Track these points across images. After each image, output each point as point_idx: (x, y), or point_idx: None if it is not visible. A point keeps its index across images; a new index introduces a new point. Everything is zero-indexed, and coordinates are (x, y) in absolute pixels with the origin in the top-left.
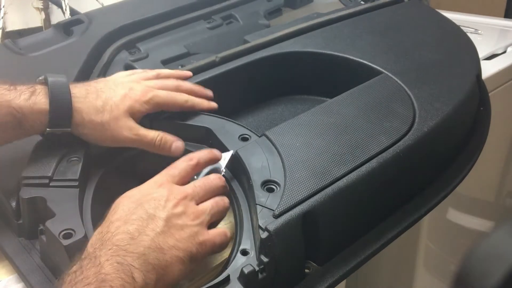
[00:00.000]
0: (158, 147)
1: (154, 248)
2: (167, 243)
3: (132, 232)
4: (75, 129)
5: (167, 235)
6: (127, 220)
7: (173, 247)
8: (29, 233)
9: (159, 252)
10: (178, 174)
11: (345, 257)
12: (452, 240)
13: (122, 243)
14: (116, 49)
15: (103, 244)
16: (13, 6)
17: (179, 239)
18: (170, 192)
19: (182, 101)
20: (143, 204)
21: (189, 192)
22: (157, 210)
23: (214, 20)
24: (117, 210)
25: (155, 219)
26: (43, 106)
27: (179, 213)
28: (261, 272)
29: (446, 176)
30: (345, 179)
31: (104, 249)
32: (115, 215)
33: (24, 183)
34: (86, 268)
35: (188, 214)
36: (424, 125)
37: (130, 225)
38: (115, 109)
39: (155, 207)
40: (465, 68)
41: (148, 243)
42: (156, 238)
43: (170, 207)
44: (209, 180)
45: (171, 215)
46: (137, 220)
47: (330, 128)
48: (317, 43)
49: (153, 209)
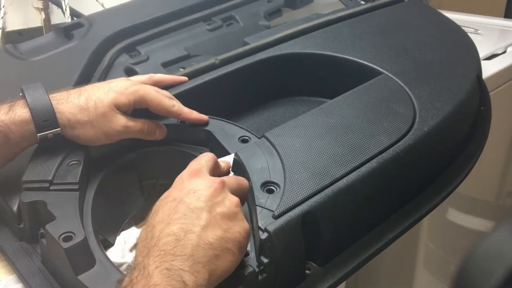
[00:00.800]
0: (146, 135)
1: (203, 245)
2: (215, 235)
3: (177, 233)
4: (65, 132)
5: (215, 226)
6: (169, 220)
7: (222, 238)
8: (30, 237)
9: (208, 248)
10: (205, 164)
11: (346, 258)
12: (452, 240)
13: (168, 246)
14: (116, 52)
15: (150, 251)
16: (13, 6)
17: (226, 228)
18: (206, 180)
19: (169, 105)
20: (183, 199)
21: (226, 180)
22: (199, 202)
23: (214, 22)
24: (158, 212)
25: (199, 211)
26: (24, 115)
27: (222, 200)
28: (261, 273)
29: (446, 176)
30: (345, 179)
31: (152, 256)
32: (156, 218)
33: (25, 187)
34: (136, 281)
35: (231, 200)
36: (424, 125)
37: (174, 225)
38: (99, 104)
39: (197, 198)
40: (466, 68)
41: (195, 241)
42: (203, 233)
43: (211, 194)
44: (239, 178)
45: (214, 204)
46: (180, 218)
47: (330, 128)
48: (317, 44)
49: (195, 202)
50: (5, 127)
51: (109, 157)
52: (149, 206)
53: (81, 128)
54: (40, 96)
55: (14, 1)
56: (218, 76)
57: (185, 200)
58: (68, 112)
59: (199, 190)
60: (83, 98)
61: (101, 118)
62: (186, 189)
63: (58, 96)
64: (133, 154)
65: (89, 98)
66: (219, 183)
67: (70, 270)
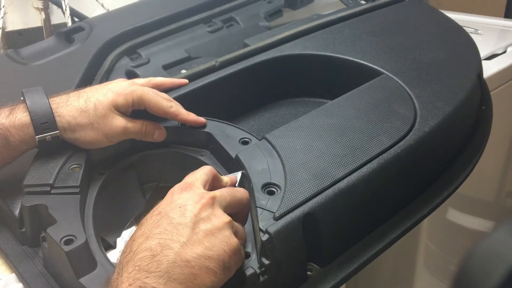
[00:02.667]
0: (145, 136)
1: (180, 262)
2: (194, 253)
3: (154, 248)
4: (66, 135)
5: (195, 243)
6: (149, 234)
7: (202, 256)
8: (32, 240)
9: (185, 266)
10: (199, 178)
11: (348, 259)
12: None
13: (144, 262)
14: (117, 56)
15: (124, 267)
16: (13, 6)
17: (209, 246)
18: (195, 194)
19: (166, 106)
20: (168, 213)
21: (217, 194)
22: (183, 217)
23: (215, 24)
24: (141, 225)
25: (181, 227)
26: (24, 118)
27: (207, 216)
28: (262, 274)
29: (448, 176)
30: (346, 180)
31: (126, 272)
32: (138, 231)
33: (26, 191)
34: None
35: (217, 216)
36: (425, 124)
37: (153, 240)
38: (99, 106)
39: (181, 214)
40: (466, 67)
41: (172, 257)
42: (181, 250)
43: (197, 210)
44: (235, 189)
45: (198, 220)
46: (160, 233)
47: (331, 129)
48: (317, 45)
49: (179, 217)
50: (5, 130)
51: (110, 160)
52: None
53: (81, 130)
54: (40, 99)
55: (14, 1)
56: (218, 78)
57: (169, 214)
58: (68, 115)
59: (186, 205)
60: (82, 100)
61: (101, 119)
62: (173, 203)
63: (58, 99)
64: (133, 156)
65: (88, 100)
66: (208, 198)
67: (71, 273)
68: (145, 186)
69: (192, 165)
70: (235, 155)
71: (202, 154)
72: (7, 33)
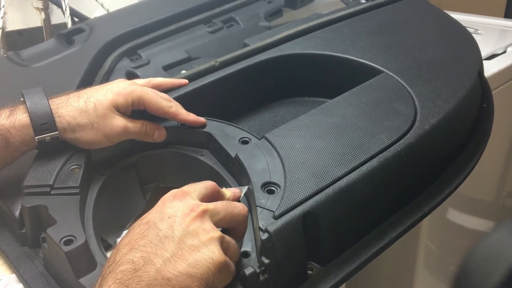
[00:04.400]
0: (144, 136)
1: (160, 280)
2: (176, 270)
3: (137, 262)
4: (66, 135)
5: (178, 259)
6: (134, 245)
7: (184, 274)
8: (32, 241)
9: (166, 283)
10: (198, 189)
11: (348, 258)
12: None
13: (125, 276)
14: (117, 57)
15: (105, 278)
16: (13, 6)
17: (192, 263)
18: (187, 205)
19: (166, 106)
20: (156, 224)
21: (210, 207)
22: (170, 230)
23: (215, 24)
24: (129, 234)
25: (166, 241)
26: (24, 119)
27: (195, 230)
28: (262, 273)
29: (448, 174)
30: (346, 179)
31: (106, 285)
32: (125, 240)
33: (26, 192)
34: None
35: (206, 231)
36: (425, 123)
37: (137, 252)
38: (99, 106)
39: (169, 226)
40: (467, 65)
41: (153, 274)
42: (163, 267)
43: (185, 223)
44: (233, 204)
45: (185, 234)
46: (145, 245)
47: (330, 128)
48: (317, 45)
49: (166, 229)
50: (5, 131)
51: (110, 161)
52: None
53: (82, 130)
54: (39, 100)
55: (14, 1)
56: (218, 78)
57: (157, 225)
58: (68, 116)
59: (175, 216)
60: (82, 100)
61: (101, 119)
62: (163, 213)
63: (58, 100)
64: (134, 157)
65: (88, 100)
66: (199, 211)
67: (71, 273)
68: (145, 187)
69: (192, 165)
70: (235, 155)
71: (202, 154)
72: (7, 33)
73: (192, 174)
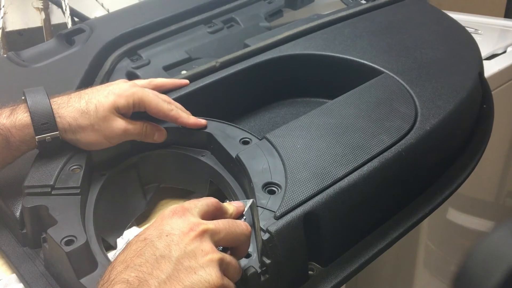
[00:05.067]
0: (145, 137)
1: None
2: None
3: (132, 282)
4: (66, 136)
5: (174, 281)
6: (130, 264)
7: None
8: (33, 242)
9: None
10: (199, 206)
11: (349, 258)
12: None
13: None
14: (117, 57)
15: None
16: (13, 6)
17: (188, 285)
18: (186, 223)
19: (167, 109)
20: (154, 241)
21: (210, 227)
22: (167, 249)
23: (215, 24)
24: (125, 250)
25: (163, 261)
26: (24, 119)
27: (193, 251)
28: (263, 274)
29: (449, 174)
30: (347, 179)
31: None
32: (121, 256)
33: (27, 192)
34: None
35: (205, 252)
36: (426, 123)
37: (132, 272)
38: (100, 108)
39: (166, 245)
40: (467, 66)
41: None
42: None
43: (185, 243)
44: (236, 223)
45: (183, 255)
46: (141, 265)
47: (331, 129)
48: (317, 45)
49: (163, 248)
50: (6, 130)
51: (110, 161)
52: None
53: (82, 132)
54: (41, 99)
55: (14, 1)
56: (219, 78)
57: (154, 243)
58: (69, 116)
59: (173, 234)
60: (84, 101)
61: (101, 121)
62: (161, 230)
63: (59, 100)
64: (134, 157)
65: (90, 101)
66: (199, 231)
67: (72, 273)
68: (146, 187)
69: (193, 166)
70: (236, 155)
71: (203, 155)
72: (7, 33)
73: (193, 175)
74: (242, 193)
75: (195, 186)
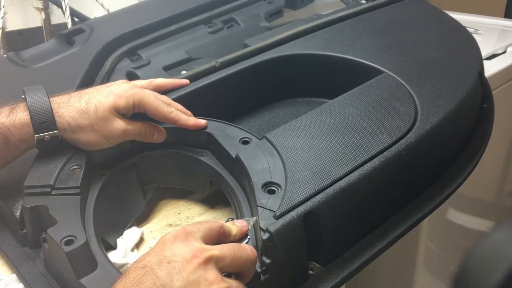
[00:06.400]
0: (144, 137)
1: None
2: None
3: None
4: (66, 135)
5: None
6: None
7: None
8: (33, 242)
9: None
10: (203, 230)
11: (349, 258)
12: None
13: None
14: (117, 57)
15: None
16: (13, 6)
17: None
18: (189, 248)
19: (167, 111)
20: (154, 269)
21: (215, 253)
22: (169, 278)
23: (215, 24)
24: (124, 277)
25: None
26: (24, 117)
27: (197, 280)
28: (263, 273)
29: (449, 174)
30: (347, 178)
31: None
32: (119, 284)
33: (26, 192)
34: None
35: (209, 281)
36: (426, 123)
37: None
38: (100, 108)
39: (168, 273)
40: (467, 65)
41: None
42: None
43: (188, 271)
44: (241, 248)
45: (185, 285)
46: None
47: (331, 128)
48: (317, 45)
49: (165, 277)
50: (5, 129)
51: (110, 161)
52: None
53: (81, 131)
54: (40, 98)
55: (14, 1)
56: (219, 78)
57: (155, 271)
58: (69, 116)
59: (175, 261)
60: (84, 101)
61: (101, 121)
62: (161, 256)
63: (59, 99)
64: (134, 157)
65: (90, 101)
66: (202, 258)
67: (72, 273)
68: (146, 187)
69: (193, 166)
70: (236, 155)
71: (203, 155)
72: (7, 33)
73: (193, 175)
74: (242, 193)
75: (195, 186)
